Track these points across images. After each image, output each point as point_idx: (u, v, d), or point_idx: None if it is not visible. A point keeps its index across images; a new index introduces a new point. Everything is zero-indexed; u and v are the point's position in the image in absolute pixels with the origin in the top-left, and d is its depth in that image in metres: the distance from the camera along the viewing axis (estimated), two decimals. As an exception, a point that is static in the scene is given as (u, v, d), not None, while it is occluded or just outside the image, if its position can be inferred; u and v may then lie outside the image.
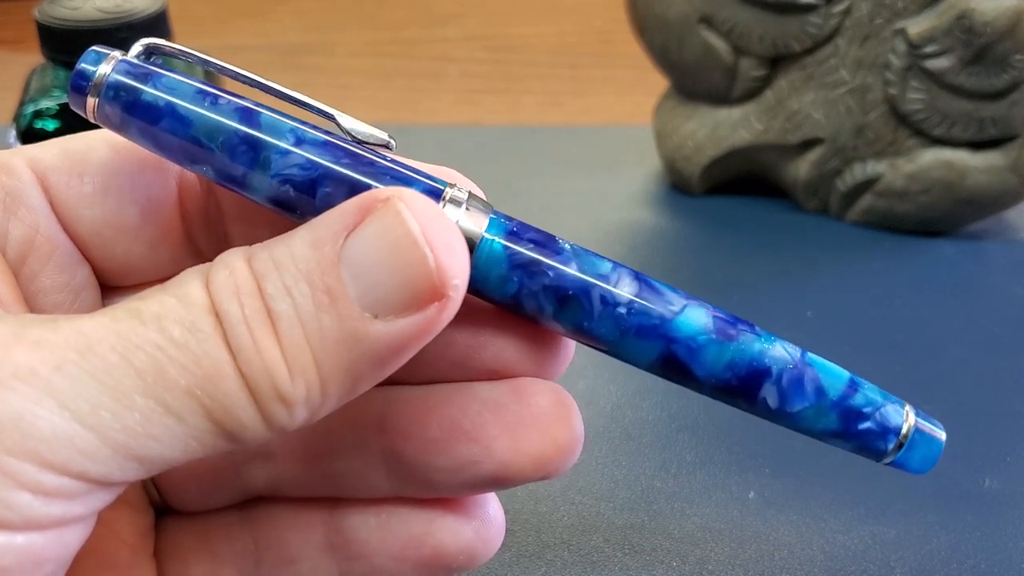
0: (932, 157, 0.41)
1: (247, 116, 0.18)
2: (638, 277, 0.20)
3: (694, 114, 0.44)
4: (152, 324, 0.16)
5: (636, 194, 0.46)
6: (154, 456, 0.16)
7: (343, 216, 0.17)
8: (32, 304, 0.20)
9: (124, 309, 0.16)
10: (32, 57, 0.36)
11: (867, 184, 0.42)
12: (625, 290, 0.19)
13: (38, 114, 0.35)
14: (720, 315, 0.20)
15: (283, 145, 0.18)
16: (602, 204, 0.45)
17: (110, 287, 0.21)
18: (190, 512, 0.22)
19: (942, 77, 0.39)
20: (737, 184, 0.45)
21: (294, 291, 0.17)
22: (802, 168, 0.43)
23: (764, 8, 0.40)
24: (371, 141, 0.19)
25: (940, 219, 0.42)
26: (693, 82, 0.43)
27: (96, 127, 0.19)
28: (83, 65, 0.18)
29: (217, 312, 0.16)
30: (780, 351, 0.20)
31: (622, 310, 0.19)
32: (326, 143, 0.19)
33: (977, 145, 0.41)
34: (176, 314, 0.16)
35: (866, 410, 0.21)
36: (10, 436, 0.15)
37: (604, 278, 0.19)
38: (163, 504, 0.23)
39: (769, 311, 0.37)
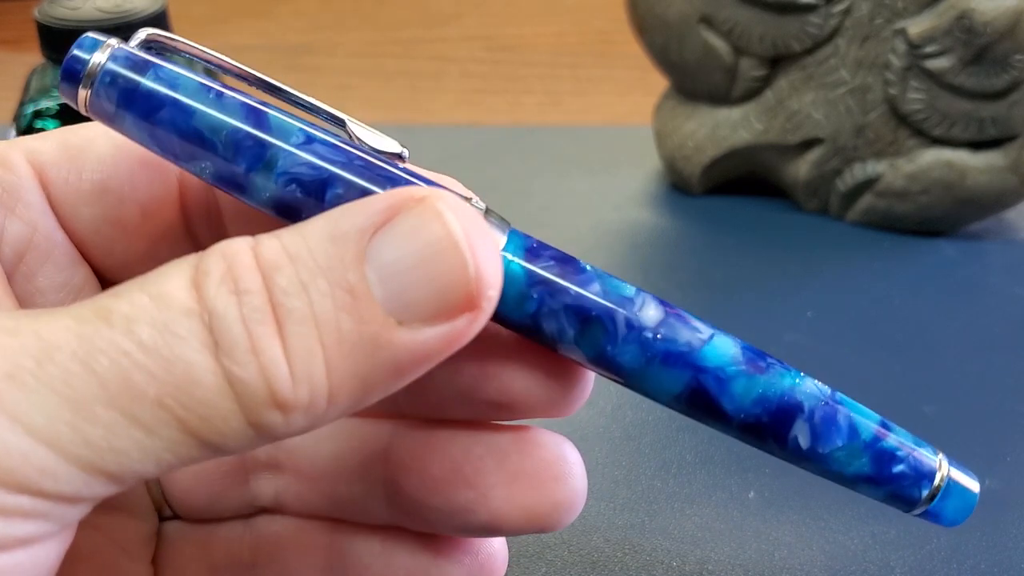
0: (932, 157, 0.41)
1: (254, 115, 0.18)
2: (662, 303, 0.19)
3: (694, 114, 0.44)
4: (120, 326, 0.15)
5: (636, 194, 0.46)
6: (124, 471, 0.15)
7: (370, 212, 0.16)
8: (29, 304, 0.19)
9: (91, 308, 0.15)
10: (32, 57, 0.36)
11: (867, 184, 0.42)
12: (651, 315, 0.18)
13: (38, 114, 0.35)
14: (748, 347, 0.19)
15: (291, 144, 0.17)
16: (602, 204, 0.45)
17: (111, 284, 0.21)
18: (195, 520, 0.22)
19: (942, 77, 0.39)
20: (737, 184, 0.45)
21: (311, 287, 0.15)
22: (802, 168, 0.43)
23: (764, 8, 0.40)
24: (383, 150, 0.18)
25: (940, 219, 0.42)
26: (693, 82, 0.43)
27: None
28: (76, 52, 0.17)
29: (204, 309, 0.15)
30: (811, 387, 0.19)
31: (648, 335, 0.18)
32: (338, 146, 0.18)
33: (977, 145, 0.41)
34: (148, 315, 0.15)
35: (900, 453, 0.19)
36: None
37: (628, 301, 0.18)
38: (170, 509, 0.22)
39: (769, 311, 0.37)
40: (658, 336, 0.18)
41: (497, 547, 0.22)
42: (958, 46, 0.39)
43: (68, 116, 0.34)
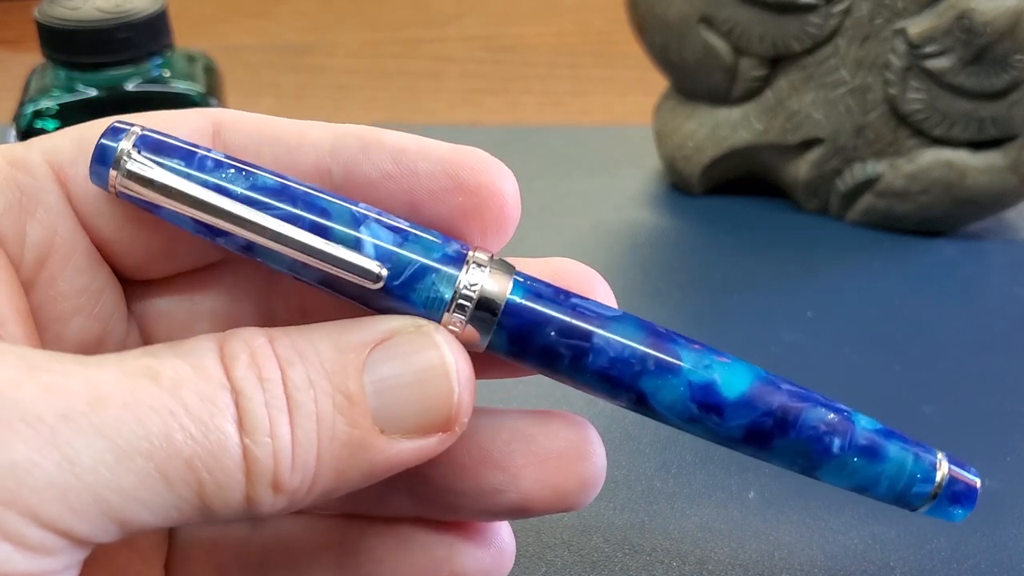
0: (932, 157, 0.41)
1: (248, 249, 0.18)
2: (673, 340, 0.19)
3: (694, 114, 0.44)
4: (168, 387, 0.16)
5: (636, 194, 0.46)
6: (135, 520, 0.16)
7: (372, 330, 0.18)
8: (51, 310, 0.19)
9: (138, 365, 0.16)
10: (32, 57, 0.36)
11: (867, 184, 0.42)
12: (648, 349, 0.19)
13: (38, 114, 0.35)
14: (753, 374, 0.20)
15: (292, 254, 0.18)
16: (602, 204, 0.45)
17: (131, 284, 0.21)
18: None
19: (942, 77, 0.39)
20: (737, 184, 0.45)
21: (317, 386, 0.17)
22: (802, 168, 0.43)
23: (764, 8, 0.40)
24: (361, 277, 0.18)
25: (940, 219, 0.42)
26: (693, 82, 0.43)
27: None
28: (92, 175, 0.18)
29: (234, 390, 0.16)
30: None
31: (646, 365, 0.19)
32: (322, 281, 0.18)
33: (977, 145, 0.41)
34: (192, 383, 0.16)
35: (899, 460, 0.20)
36: (5, 484, 0.15)
37: (634, 337, 0.19)
38: None
39: (769, 311, 0.37)
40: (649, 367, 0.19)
41: (507, 541, 0.22)
42: (958, 46, 0.39)
43: (68, 116, 0.34)
